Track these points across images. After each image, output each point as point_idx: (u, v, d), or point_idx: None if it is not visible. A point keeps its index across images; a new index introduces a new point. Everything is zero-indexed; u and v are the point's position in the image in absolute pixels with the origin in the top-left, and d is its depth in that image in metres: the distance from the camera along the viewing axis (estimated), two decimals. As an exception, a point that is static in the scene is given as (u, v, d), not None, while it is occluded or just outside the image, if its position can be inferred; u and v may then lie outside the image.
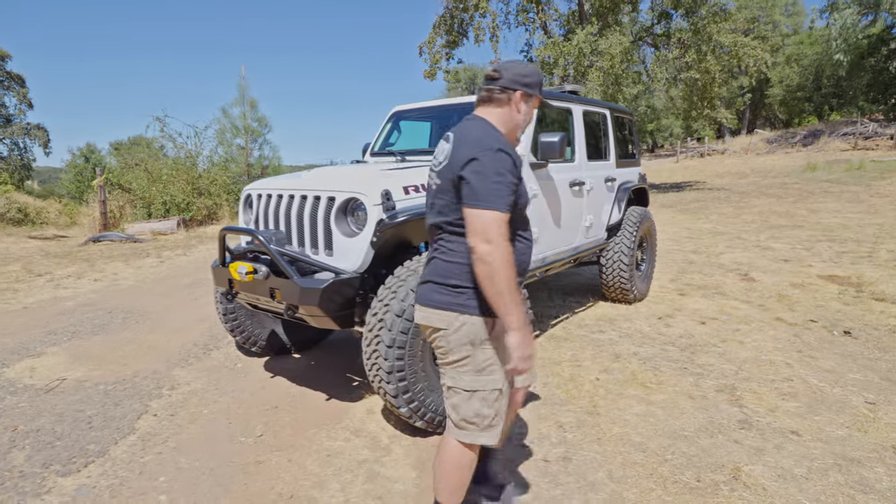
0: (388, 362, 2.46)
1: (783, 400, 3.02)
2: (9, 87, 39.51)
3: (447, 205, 1.69)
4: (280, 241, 2.85)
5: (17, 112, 40.22)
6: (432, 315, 1.73)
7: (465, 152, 1.61)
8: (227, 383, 3.40)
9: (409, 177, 2.84)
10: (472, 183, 1.57)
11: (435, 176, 1.75)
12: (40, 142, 41.09)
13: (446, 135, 1.76)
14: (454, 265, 1.69)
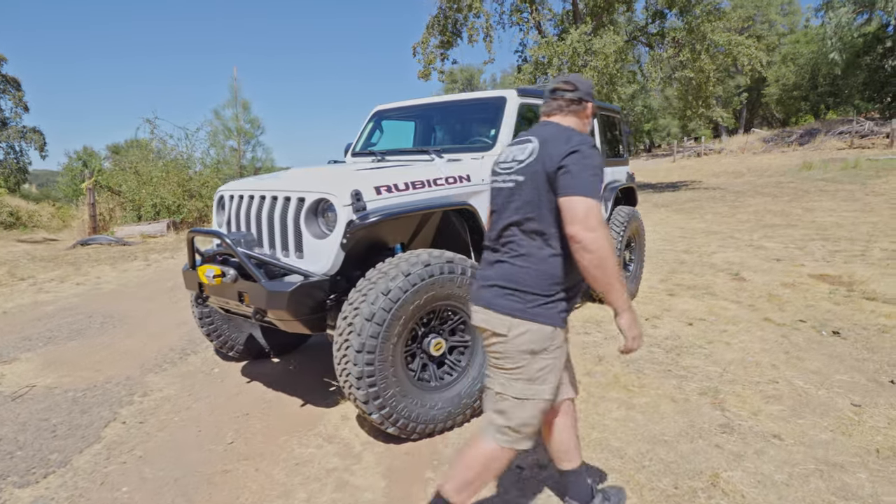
0: (357, 367, 2.39)
1: (767, 403, 2.96)
2: (4, 91, 39.36)
3: (529, 202, 1.69)
4: (249, 244, 2.78)
5: (13, 115, 40.05)
6: (493, 319, 1.71)
7: (563, 146, 1.65)
8: (201, 389, 3.33)
9: (382, 177, 2.77)
10: (574, 173, 1.60)
11: (512, 175, 1.76)
12: (36, 145, 40.97)
13: (525, 136, 1.81)
14: (525, 270, 1.68)
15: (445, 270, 2.58)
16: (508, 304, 1.68)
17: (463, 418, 2.75)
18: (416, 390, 2.60)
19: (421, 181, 2.86)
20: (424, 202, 2.80)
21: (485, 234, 1.89)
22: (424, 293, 2.51)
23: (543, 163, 1.66)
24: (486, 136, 3.61)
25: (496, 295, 1.71)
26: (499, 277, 1.72)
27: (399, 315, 2.44)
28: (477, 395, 2.78)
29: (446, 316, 2.75)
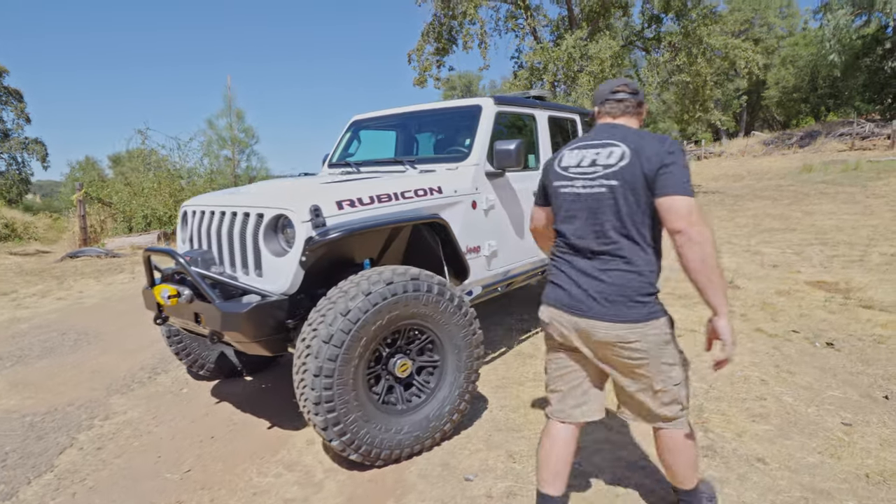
0: (315, 392, 2.27)
1: (753, 422, 2.82)
2: (6, 102, 39.55)
3: (630, 206, 1.72)
4: (206, 262, 2.67)
5: (15, 127, 40.21)
6: (627, 332, 1.75)
7: (660, 147, 1.71)
8: (167, 411, 3.21)
9: (346, 190, 2.66)
10: (674, 173, 1.67)
11: (601, 180, 1.77)
12: (38, 156, 41.10)
13: (599, 140, 1.83)
14: (637, 276, 1.75)
15: (410, 288, 2.46)
16: (635, 314, 1.74)
17: (432, 442, 2.63)
18: (380, 414, 2.48)
19: (387, 194, 2.75)
20: (390, 216, 2.69)
21: (566, 239, 1.87)
22: (387, 312, 2.40)
23: (642, 165, 1.70)
24: (463, 145, 3.50)
25: (621, 307, 1.74)
26: (617, 290, 1.75)
27: (359, 336, 2.32)
28: (447, 416, 2.66)
29: (413, 335, 2.63)
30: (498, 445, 2.68)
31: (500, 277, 3.61)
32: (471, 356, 2.72)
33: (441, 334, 2.63)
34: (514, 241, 3.65)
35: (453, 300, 2.62)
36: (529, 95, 4.20)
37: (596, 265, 1.78)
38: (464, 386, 2.71)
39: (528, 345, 4.12)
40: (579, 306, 1.79)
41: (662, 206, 1.66)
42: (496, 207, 3.44)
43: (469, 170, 3.29)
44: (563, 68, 15.62)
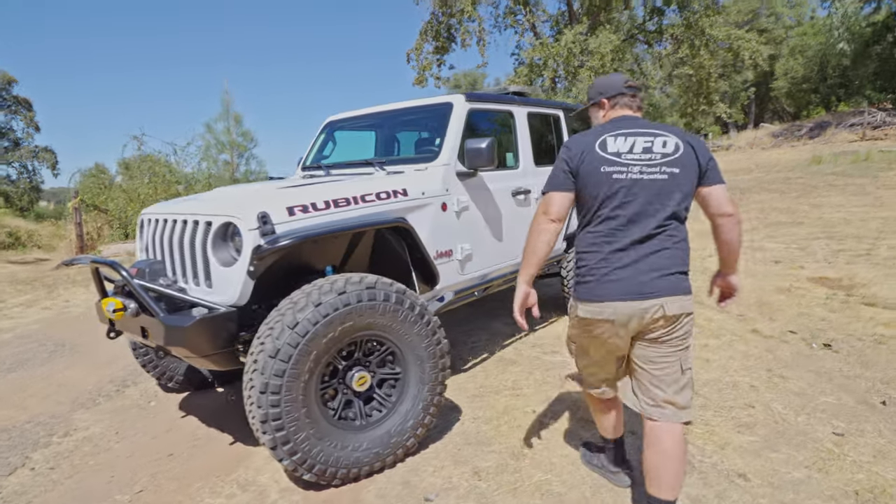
0: (261, 410, 2.15)
1: (738, 433, 2.65)
2: (16, 112, 39.97)
3: (687, 193, 1.88)
4: (154, 273, 2.56)
5: (25, 135, 40.64)
6: (688, 303, 1.90)
7: (703, 143, 1.93)
8: (130, 426, 3.11)
9: (301, 195, 2.53)
10: (718, 166, 1.94)
11: (663, 167, 1.86)
12: (48, 164, 41.51)
13: (643, 129, 1.91)
14: (684, 253, 1.94)
15: (364, 298, 2.33)
16: (687, 286, 1.92)
17: (394, 458, 2.49)
18: (336, 431, 2.35)
19: (345, 199, 2.62)
20: (346, 222, 2.55)
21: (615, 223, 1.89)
22: (340, 324, 2.26)
23: (698, 156, 1.87)
24: (433, 145, 3.36)
25: (681, 280, 1.90)
26: (675, 264, 1.89)
27: (309, 350, 2.19)
28: (410, 431, 2.52)
29: (372, 347, 2.50)
30: (465, 461, 2.54)
31: (476, 281, 3.47)
32: (435, 367, 2.58)
33: (401, 345, 2.49)
34: (491, 243, 3.50)
35: (413, 309, 2.48)
36: (508, 91, 4.04)
37: (653, 245, 1.87)
38: (428, 399, 2.57)
39: (511, 350, 3.97)
40: (648, 288, 1.84)
41: (713, 193, 1.89)
42: (470, 209, 3.29)
43: (438, 170, 3.15)
44: (563, 64, 15.41)
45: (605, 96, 2.08)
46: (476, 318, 4.87)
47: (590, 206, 1.93)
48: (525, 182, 3.82)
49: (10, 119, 39.20)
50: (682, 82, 17.52)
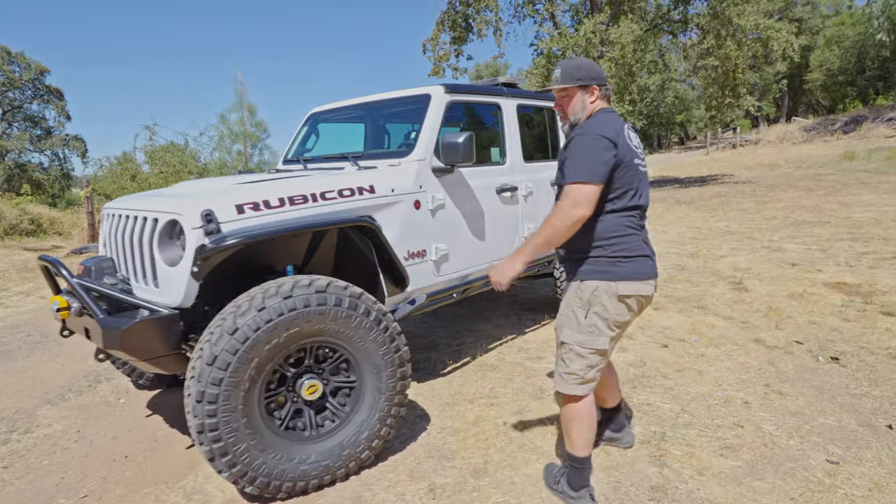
0: (197, 420, 2.03)
1: (721, 456, 2.44)
2: (48, 101, 40.97)
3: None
4: (100, 272, 2.46)
5: (57, 124, 41.66)
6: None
7: None
8: (94, 424, 3.05)
9: (255, 192, 2.39)
10: None
11: (642, 162, 2.05)
12: (78, 152, 42.54)
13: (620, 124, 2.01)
14: None
15: (313, 302, 2.18)
16: None
17: (346, 471, 2.36)
18: (281, 442, 2.22)
19: (302, 196, 2.48)
20: (300, 220, 2.41)
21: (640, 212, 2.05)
22: (285, 330, 2.13)
23: None
24: (410, 139, 3.19)
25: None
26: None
27: (250, 357, 2.07)
28: (364, 444, 2.38)
29: (324, 354, 2.36)
30: (423, 476, 2.39)
31: (455, 283, 3.30)
32: (393, 376, 2.43)
33: (356, 353, 2.35)
34: (472, 243, 3.33)
35: (369, 314, 2.33)
36: (498, 82, 3.84)
37: (643, 234, 2.07)
38: (385, 409, 2.42)
39: (495, 355, 3.80)
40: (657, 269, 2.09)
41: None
42: (447, 207, 3.12)
43: (411, 166, 2.98)
44: (582, 54, 14.98)
45: (598, 83, 2.06)
46: (464, 320, 4.71)
47: (622, 193, 1.97)
48: (512, 179, 3.62)
49: (42, 108, 40.25)
50: (708, 74, 16.85)
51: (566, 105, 2.08)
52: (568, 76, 2.04)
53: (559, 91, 2.08)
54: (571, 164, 1.91)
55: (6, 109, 36.98)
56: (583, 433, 2.09)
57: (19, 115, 38.22)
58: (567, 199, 1.88)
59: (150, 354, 2.21)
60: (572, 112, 2.07)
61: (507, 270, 1.99)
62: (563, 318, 2.09)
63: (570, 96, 2.06)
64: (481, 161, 3.63)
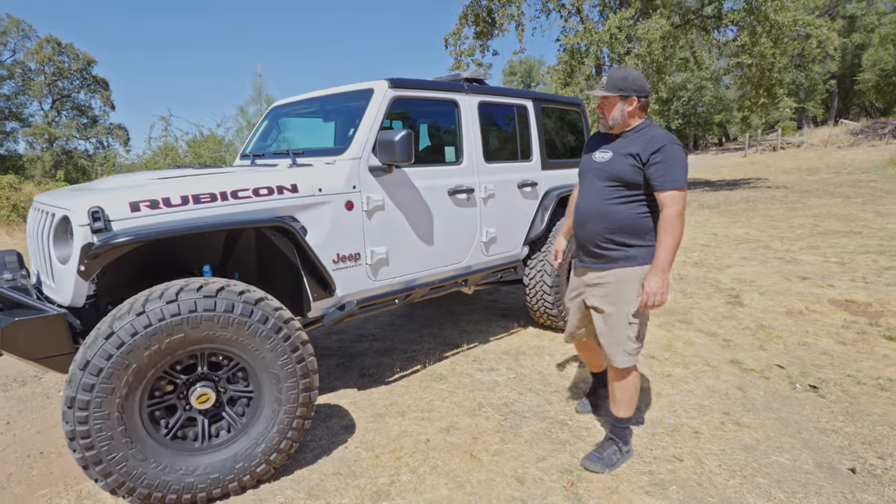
0: (68, 426, 1.95)
1: (645, 494, 2.21)
2: (95, 91, 42.59)
3: None
4: (3, 265, 2.42)
5: (102, 113, 43.29)
6: None
7: None
8: (25, 416, 3.04)
9: (157, 189, 2.29)
10: None
11: None
12: (121, 140, 44.13)
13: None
14: None
15: (199, 307, 2.07)
16: None
17: (239, 485, 2.24)
18: (165, 452, 2.12)
19: (209, 194, 2.36)
20: (202, 220, 2.29)
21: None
22: (167, 336, 2.02)
23: None
24: (348, 135, 3.04)
25: None
26: None
27: (126, 363, 1.97)
28: (260, 457, 2.26)
29: (218, 362, 2.24)
30: (321, 495, 2.26)
31: (397, 287, 3.14)
32: (295, 387, 2.29)
33: (252, 361, 2.23)
34: (418, 247, 3.16)
35: (266, 322, 2.20)
36: (461, 78, 3.65)
37: None
38: (286, 422, 2.29)
39: (447, 364, 3.63)
40: None
41: None
42: (386, 208, 2.96)
43: (345, 164, 2.83)
44: (608, 50, 14.52)
45: (639, 95, 2.26)
46: (433, 324, 4.54)
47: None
48: (469, 180, 3.43)
49: (89, 98, 41.93)
50: (744, 72, 16.05)
51: (607, 110, 2.30)
52: (612, 85, 2.26)
53: (602, 97, 2.30)
54: (671, 172, 2.14)
55: (56, 98, 38.66)
56: (635, 397, 2.45)
57: (67, 103, 39.92)
58: (679, 205, 2.13)
59: (35, 354, 2.14)
60: (612, 118, 2.30)
61: (664, 287, 2.14)
62: (624, 298, 2.28)
63: (611, 103, 2.28)
64: (432, 161, 3.47)
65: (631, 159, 2.22)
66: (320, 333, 4.33)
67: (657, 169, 2.15)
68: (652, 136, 2.22)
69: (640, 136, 2.26)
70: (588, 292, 2.43)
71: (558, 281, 3.97)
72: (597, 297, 2.37)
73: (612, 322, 2.32)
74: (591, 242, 2.35)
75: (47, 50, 36.66)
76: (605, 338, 2.36)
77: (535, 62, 46.12)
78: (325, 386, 3.35)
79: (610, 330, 2.34)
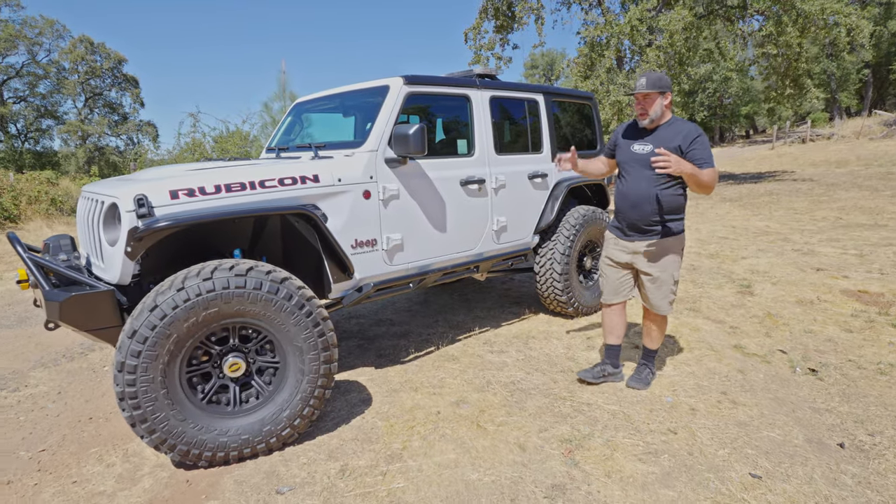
0: (118, 388, 2.20)
1: (639, 461, 2.38)
2: (125, 89, 43.75)
3: None
4: (56, 249, 2.70)
5: (132, 111, 44.48)
6: None
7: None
8: (75, 388, 3.34)
9: (194, 179, 2.53)
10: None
11: None
12: (150, 136, 45.29)
13: None
14: None
15: (231, 284, 2.31)
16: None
17: (267, 447, 2.48)
18: (202, 414, 2.37)
19: (239, 184, 2.59)
20: (233, 207, 2.53)
21: None
22: (203, 309, 2.27)
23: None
24: (366, 130, 3.25)
25: None
26: None
27: (168, 333, 2.22)
28: (286, 422, 2.50)
29: (248, 335, 2.48)
30: (340, 457, 2.49)
31: (411, 272, 3.34)
32: (317, 359, 2.52)
33: (278, 335, 2.46)
34: (431, 233, 3.36)
35: (290, 299, 2.43)
36: (473, 74, 3.82)
37: None
38: (308, 391, 2.53)
39: (459, 346, 3.83)
40: None
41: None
42: (401, 198, 3.17)
43: (362, 157, 3.04)
44: (629, 42, 14.44)
45: (670, 91, 2.78)
46: (447, 310, 4.74)
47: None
48: (480, 171, 3.61)
49: (120, 95, 43.15)
50: (770, 63, 15.76)
51: (648, 106, 2.75)
52: (653, 84, 2.71)
53: (643, 94, 2.74)
54: (707, 155, 2.67)
55: (88, 96, 39.91)
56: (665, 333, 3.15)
57: (100, 101, 41.18)
58: (714, 176, 2.63)
59: (88, 326, 2.41)
60: (653, 112, 2.75)
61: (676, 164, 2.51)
62: (672, 263, 2.89)
63: (652, 100, 2.74)
64: (446, 153, 3.65)
65: (673, 152, 2.68)
66: (341, 318, 4.58)
67: (696, 153, 2.67)
68: (687, 130, 2.73)
69: (676, 131, 2.75)
70: (636, 260, 2.95)
71: (567, 269, 4.13)
72: (646, 263, 2.91)
73: (660, 282, 2.89)
74: (643, 222, 2.86)
75: (80, 49, 37.80)
76: (653, 293, 2.94)
77: (558, 55, 45.76)
78: (346, 364, 3.59)
79: (657, 288, 2.91)
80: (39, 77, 37.15)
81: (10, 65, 35.12)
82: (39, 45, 36.49)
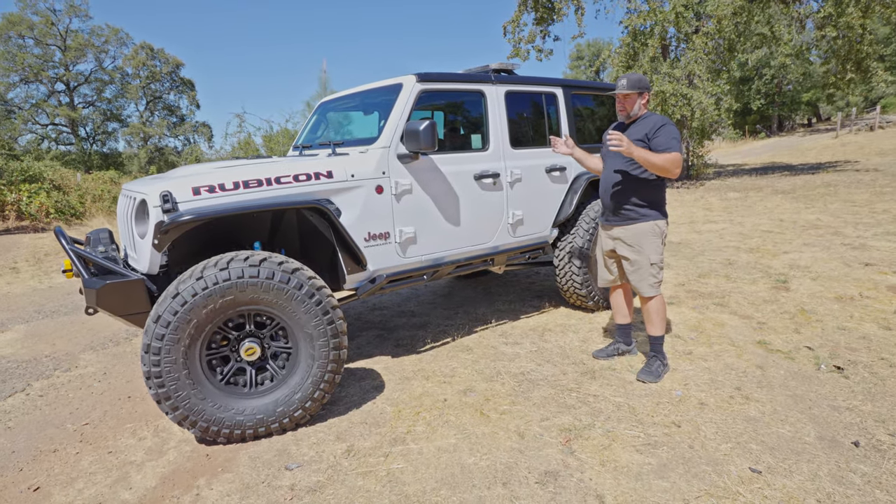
0: (145, 367, 2.42)
1: (636, 452, 2.39)
2: (182, 92, 45.90)
3: None
4: (96, 242, 2.94)
5: (189, 112, 46.67)
6: None
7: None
8: (119, 369, 3.64)
9: (214, 176, 2.72)
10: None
11: None
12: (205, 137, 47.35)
13: None
14: None
15: (246, 274, 2.48)
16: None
17: (280, 427, 2.65)
18: (220, 394, 2.56)
19: (256, 180, 2.76)
20: (251, 202, 2.70)
21: None
22: (220, 297, 2.45)
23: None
24: (380, 125, 3.36)
25: None
26: None
27: (189, 318, 2.41)
28: (297, 404, 2.66)
29: (262, 321, 2.65)
30: (347, 438, 2.62)
31: (425, 264, 3.44)
32: (326, 346, 2.66)
33: (290, 322, 2.62)
34: (444, 227, 3.44)
35: (301, 288, 2.58)
36: (490, 69, 3.87)
37: None
38: (319, 375, 2.67)
39: (475, 338, 3.90)
40: None
41: None
42: (414, 192, 3.27)
43: (375, 153, 3.16)
44: (674, 30, 13.96)
45: (648, 91, 3.03)
46: (468, 302, 4.82)
47: None
48: (494, 165, 3.66)
49: (178, 98, 45.37)
50: (830, 45, 14.84)
51: (628, 105, 3.02)
52: (633, 85, 2.98)
53: (624, 94, 2.99)
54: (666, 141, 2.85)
55: (149, 100, 42.21)
56: (664, 317, 3.15)
57: (159, 104, 43.46)
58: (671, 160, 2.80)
59: (123, 311, 2.64)
60: (632, 109, 3.03)
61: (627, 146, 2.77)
62: (648, 247, 3.04)
63: (632, 100, 3.01)
64: (459, 148, 3.72)
65: (640, 142, 2.93)
66: (364, 309, 4.74)
67: (658, 140, 2.88)
68: (654, 122, 2.96)
69: (645, 124, 3.00)
70: (616, 245, 3.17)
71: (587, 262, 4.12)
72: (624, 247, 3.12)
73: (637, 265, 3.08)
74: (617, 207, 3.11)
75: (142, 55, 39.95)
76: (633, 276, 3.12)
77: (604, 45, 44.58)
78: (363, 353, 3.73)
79: (636, 271, 3.10)
80: (106, 83, 39.54)
81: (80, 72, 37.58)
82: (105, 53, 38.85)
